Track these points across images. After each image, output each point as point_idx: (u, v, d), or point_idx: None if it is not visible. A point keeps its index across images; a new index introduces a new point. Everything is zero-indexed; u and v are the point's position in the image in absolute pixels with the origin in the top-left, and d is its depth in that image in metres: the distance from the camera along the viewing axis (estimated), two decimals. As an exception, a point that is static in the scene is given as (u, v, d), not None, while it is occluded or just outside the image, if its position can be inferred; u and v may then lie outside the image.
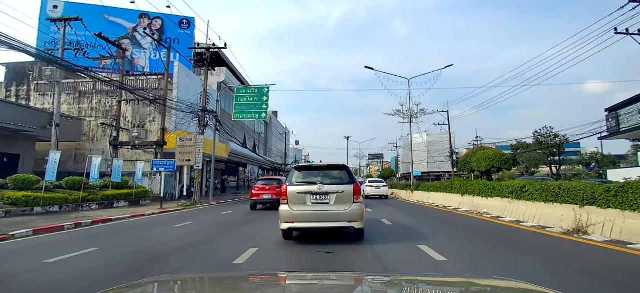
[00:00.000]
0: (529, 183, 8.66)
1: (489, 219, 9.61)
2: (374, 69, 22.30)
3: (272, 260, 5.14)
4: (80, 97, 23.11)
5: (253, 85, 22.60)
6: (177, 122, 20.02)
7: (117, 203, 15.29)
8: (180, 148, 18.01)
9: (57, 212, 12.10)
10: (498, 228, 8.02)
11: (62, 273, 4.47)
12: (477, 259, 5.04)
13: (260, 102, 21.07)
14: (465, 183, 12.30)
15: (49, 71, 17.04)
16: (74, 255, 5.47)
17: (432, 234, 7.18)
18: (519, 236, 6.97)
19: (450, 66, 22.01)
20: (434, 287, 1.62)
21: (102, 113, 22.43)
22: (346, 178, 5.88)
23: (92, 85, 22.79)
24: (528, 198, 8.52)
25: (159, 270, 4.51)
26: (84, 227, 9.45)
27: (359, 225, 5.67)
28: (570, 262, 4.80)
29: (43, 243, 6.91)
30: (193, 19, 28.20)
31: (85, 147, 22.15)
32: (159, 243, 6.70)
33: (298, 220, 5.67)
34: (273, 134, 52.76)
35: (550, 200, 7.69)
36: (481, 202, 11.05)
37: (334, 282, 1.65)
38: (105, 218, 10.77)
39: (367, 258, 5.07)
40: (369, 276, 2.28)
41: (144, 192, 17.41)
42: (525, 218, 8.54)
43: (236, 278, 1.88)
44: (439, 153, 65.74)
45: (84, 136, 22.42)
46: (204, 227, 8.98)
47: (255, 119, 31.32)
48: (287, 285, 1.63)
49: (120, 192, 15.58)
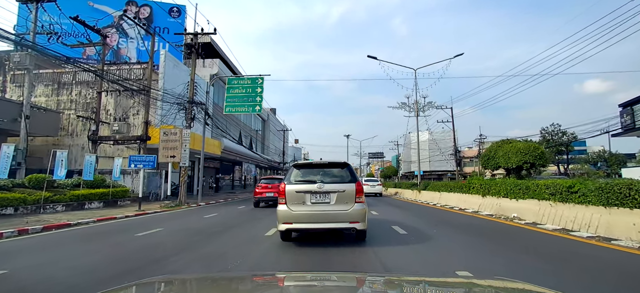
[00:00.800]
0: (579, 182, 6.93)
1: (524, 226, 7.88)
2: (377, 58, 20.54)
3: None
4: (59, 88, 21.32)
5: (246, 76, 20.80)
6: (163, 115, 18.24)
7: (89, 204, 13.54)
8: (163, 143, 16.26)
9: (10, 215, 10.34)
10: (548, 240, 6.27)
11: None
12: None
13: (254, 95, 19.28)
14: (487, 183, 10.55)
15: (18, 57, 15.29)
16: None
17: (468, 250, 5.46)
18: (604, 256, 5.20)
19: (460, 55, 20.15)
20: (435, 287, 1.60)
21: (83, 106, 20.64)
22: (348, 176, 5.57)
23: (72, 76, 21.01)
24: (578, 200, 6.78)
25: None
26: (29, 235, 7.71)
27: (361, 226, 5.37)
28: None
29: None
30: (184, 6, 26.45)
31: (63, 143, 20.37)
32: (87, 264, 4.94)
33: (297, 220, 5.35)
34: (271, 132, 51.00)
35: (614, 204, 5.96)
36: (509, 205, 9.31)
37: (334, 283, 1.64)
38: (63, 223, 9.02)
39: None
40: (370, 276, 2.22)
41: (123, 191, 15.65)
42: (575, 226, 6.80)
43: (236, 279, 1.86)
44: (441, 152, 64.09)
45: (62, 130, 20.66)
46: (169, 238, 7.23)
47: (248, 113, 29.57)
48: (288, 286, 1.63)
49: (93, 192, 13.81)
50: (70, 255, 5.73)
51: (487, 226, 8.19)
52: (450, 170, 64.84)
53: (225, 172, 35.19)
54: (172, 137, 16.24)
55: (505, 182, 9.53)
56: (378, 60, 20.53)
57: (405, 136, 72.53)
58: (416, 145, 62.40)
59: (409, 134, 71.33)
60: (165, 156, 16.09)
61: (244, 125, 38.13)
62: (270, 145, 50.87)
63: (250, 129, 40.90)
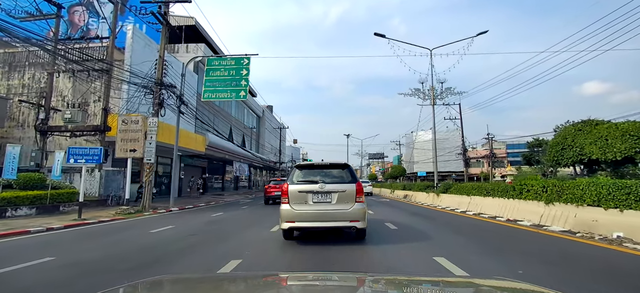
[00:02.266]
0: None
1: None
2: (385, 36, 17.32)
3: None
4: (10, 71, 18.06)
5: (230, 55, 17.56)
6: (128, 101, 14.98)
7: (14, 210, 10.29)
8: (122, 133, 13.03)
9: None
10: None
11: None
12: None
13: (239, 78, 16.07)
14: (558, 184, 7.29)
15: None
16: None
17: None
18: None
19: (485, 32, 16.97)
20: (435, 287, 1.60)
21: (36, 91, 17.37)
22: (348, 177, 5.73)
23: (24, 56, 17.75)
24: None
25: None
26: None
27: (361, 225, 5.50)
28: None
29: None
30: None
31: (13, 135, 17.12)
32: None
33: (299, 219, 5.44)
34: (267, 129, 47.78)
35: None
36: (605, 218, 6.11)
37: (335, 283, 1.64)
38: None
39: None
40: (371, 276, 2.18)
41: (69, 194, 12.36)
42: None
43: (237, 279, 1.87)
44: (448, 152, 61.05)
45: (12, 120, 17.40)
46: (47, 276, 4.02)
47: (232, 100, 26.33)
48: (289, 286, 1.63)
49: (20, 195, 10.55)
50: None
51: (593, 255, 4.98)
52: (455, 171, 61.58)
53: (214, 172, 31.90)
54: (133, 127, 13.02)
55: (596, 182, 6.27)
56: (387, 39, 17.30)
57: (407, 135, 69.24)
58: (420, 144, 59.17)
59: (411, 133, 68.14)
60: (123, 149, 12.86)
61: (236, 121, 34.89)
62: (266, 143, 47.67)
63: (242, 126, 37.66)
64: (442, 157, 63.09)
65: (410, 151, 66.55)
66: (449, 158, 61.37)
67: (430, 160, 64.38)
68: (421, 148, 64.61)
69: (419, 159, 65.25)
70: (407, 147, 67.67)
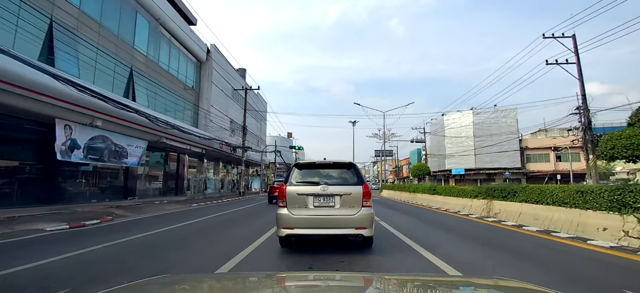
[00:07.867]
0: None
1: None
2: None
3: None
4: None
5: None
6: None
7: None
8: None
9: None
10: None
11: None
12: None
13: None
14: None
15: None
16: None
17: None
18: None
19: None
20: (435, 287, 1.57)
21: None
22: (354, 178, 5.17)
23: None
24: None
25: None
26: None
27: (368, 233, 4.93)
28: None
29: None
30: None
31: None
32: None
33: (298, 225, 4.89)
34: (218, 87, 29.55)
35: None
36: None
37: (337, 283, 1.63)
38: None
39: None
40: (372, 276, 2.15)
41: None
42: None
43: (237, 278, 1.85)
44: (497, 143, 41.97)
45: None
46: None
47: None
48: (291, 286, 1.61)
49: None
50: None
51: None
52: (509, 168, 42.77)
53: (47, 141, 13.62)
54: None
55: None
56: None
57: (433, 121, 50.52)
58: (450, 130, 39.16)
59: (442, 116, 49.37)
60: None
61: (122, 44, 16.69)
62: (222, 113, 29.49)
63: (130, 51, 19.43)
64: (487, 147, 43.94)
65: (440, 141, 47.65)
66: (500, 150, 42.50)
67: (470, 152, 44.66)
68: (458, 136, 45.62)
69: (452, 151, 46.14)
70: (433, 136, 48.84)
